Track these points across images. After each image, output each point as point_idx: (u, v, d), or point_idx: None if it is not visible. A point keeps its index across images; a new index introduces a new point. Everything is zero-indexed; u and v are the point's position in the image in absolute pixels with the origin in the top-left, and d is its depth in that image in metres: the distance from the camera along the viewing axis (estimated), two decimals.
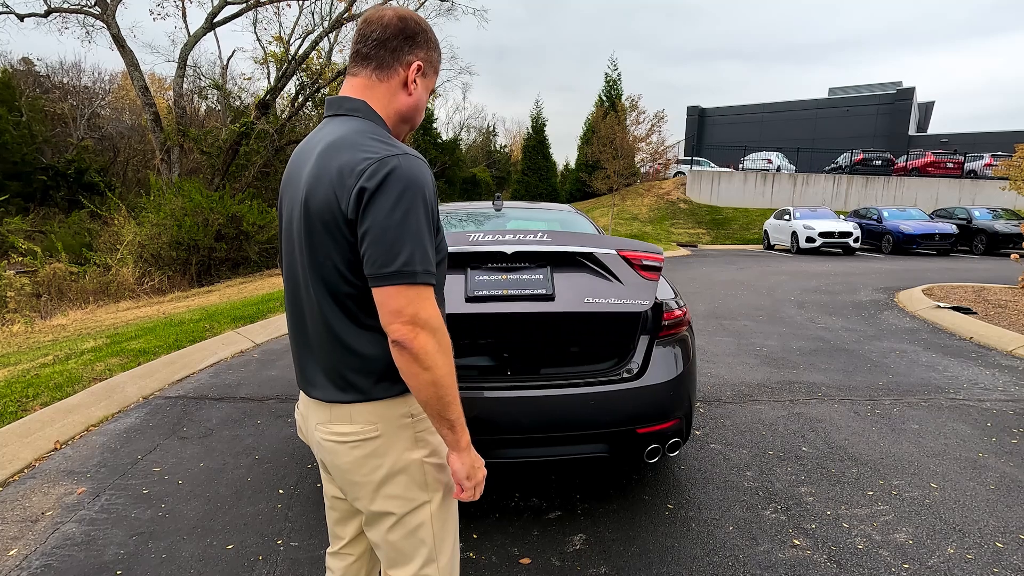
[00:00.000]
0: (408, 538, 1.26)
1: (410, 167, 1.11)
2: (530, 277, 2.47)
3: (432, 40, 1.27)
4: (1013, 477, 3.04)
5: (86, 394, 4.05)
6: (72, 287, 12.34)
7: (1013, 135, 27.62)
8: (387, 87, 1.23)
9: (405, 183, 1.10)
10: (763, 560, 2.33)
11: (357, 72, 1.24)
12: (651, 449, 2.53)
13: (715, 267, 13.36)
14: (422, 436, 1.25)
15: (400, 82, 1.23)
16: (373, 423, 1.21)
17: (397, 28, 1.21)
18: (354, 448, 1.22)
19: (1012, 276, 10.06)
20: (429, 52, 1.26)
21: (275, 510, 2.69)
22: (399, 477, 1.23)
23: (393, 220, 1.09)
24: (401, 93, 1.24)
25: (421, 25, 1.24)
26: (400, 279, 1.09)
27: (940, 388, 4.51)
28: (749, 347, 5.75)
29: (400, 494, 1.24)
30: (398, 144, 1.16)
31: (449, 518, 1.30)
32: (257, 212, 14.95)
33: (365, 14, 1.26)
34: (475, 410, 2.41)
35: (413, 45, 1.23)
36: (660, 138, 24.45)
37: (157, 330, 6.10)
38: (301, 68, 19.51)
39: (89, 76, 31.42)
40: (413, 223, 1.10)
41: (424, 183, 1.13)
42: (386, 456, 1.22)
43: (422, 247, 1.11)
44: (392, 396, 1.22)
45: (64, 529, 2.54)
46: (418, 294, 1.10)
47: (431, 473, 1.25)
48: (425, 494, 1.25)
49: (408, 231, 1.10)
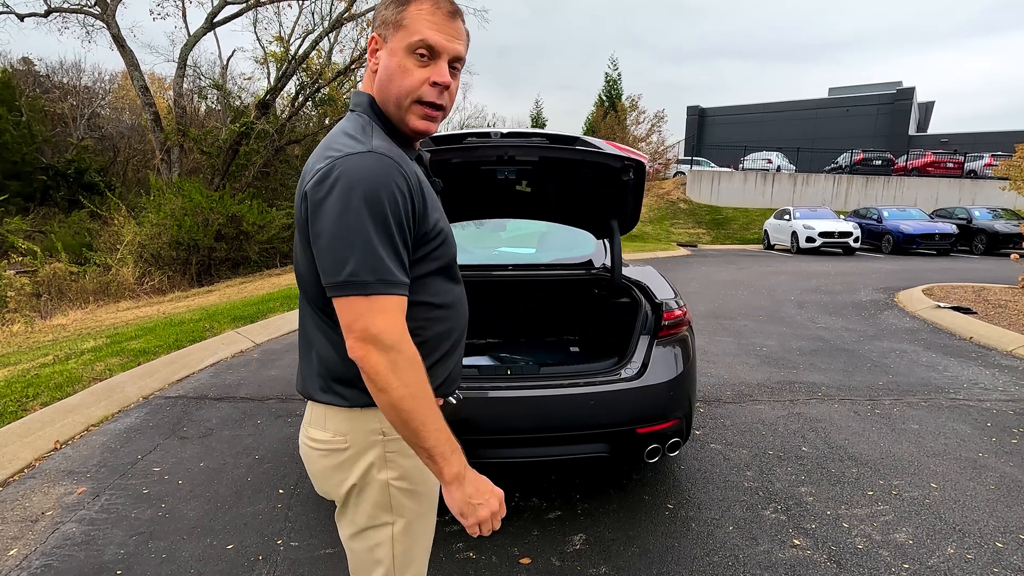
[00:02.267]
0: (367, 553, 1.22)
1: (362, 167, 1.02)
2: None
3: (385, 3, 1.13)
4: (1013, 477, 3.04)
5: (86, 394, 4.05)
6: (72, 287, 12.34)
7: (1013, 135, 27.60)
8: (368, 77, 1.16)
9: (353, 185, 1.01)
10: (763, 560, 2.33)
11: (369, 62, 1.20)
12: (651, 449, 2.54)
13: (715, 267, 13.36)
14: (392, 457, 1.18)
15: (397, 57, 1.10)
16: (343, 434, 1.17)
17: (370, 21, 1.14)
18: (323, 457, 1.19)
19: (1012, 276, 10.06)
20: (384, 12, 1.11)
21: (275, 510, 2.69)
22: (364, 494, 1.19)
23: (339, 226, 1.01)
24: (370, 77, 1.16)
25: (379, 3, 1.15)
26: (348, 290, 1.01)
27: (940, 388, 4.51)
28: (749, 347, 5.75)
29: (364, 510, 1.20)
30: (370, 142, 1.07)
31: (414, 545, 1.24)
32: (257, 212, 14.94)
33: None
34: (475, 410, 2.41)
35: (373, 25, 1.15)
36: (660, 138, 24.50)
37: (157, 330, 6.10)
38: (301, 68, 19.50)
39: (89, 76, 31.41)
40: (360, 228, 1.00)
41: (379, 183, 1.02)
42: (351, 471, 1.17)
43: (373, 254, 1.01)
44: (364, 407, 1.15)
45: (64, 529, 2.54)
46: (369, 307, 1.01)
47: (397, 497, 1.19)
48: (388, 516, 1.20)
49: (354, 238, 1.00)
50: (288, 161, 20.66)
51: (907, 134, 36.61)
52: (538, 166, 2.71)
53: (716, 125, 44.63)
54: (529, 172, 2.86)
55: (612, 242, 3.16)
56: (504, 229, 4.49)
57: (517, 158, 2.57)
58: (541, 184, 3.09)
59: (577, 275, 3.56)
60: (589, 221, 3.33)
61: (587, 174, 2.87)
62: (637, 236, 22.08)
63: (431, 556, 2.34)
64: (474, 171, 2.71)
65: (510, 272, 3.56)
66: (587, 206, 3.20)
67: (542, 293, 3.68)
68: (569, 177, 2.97)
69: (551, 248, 4.11)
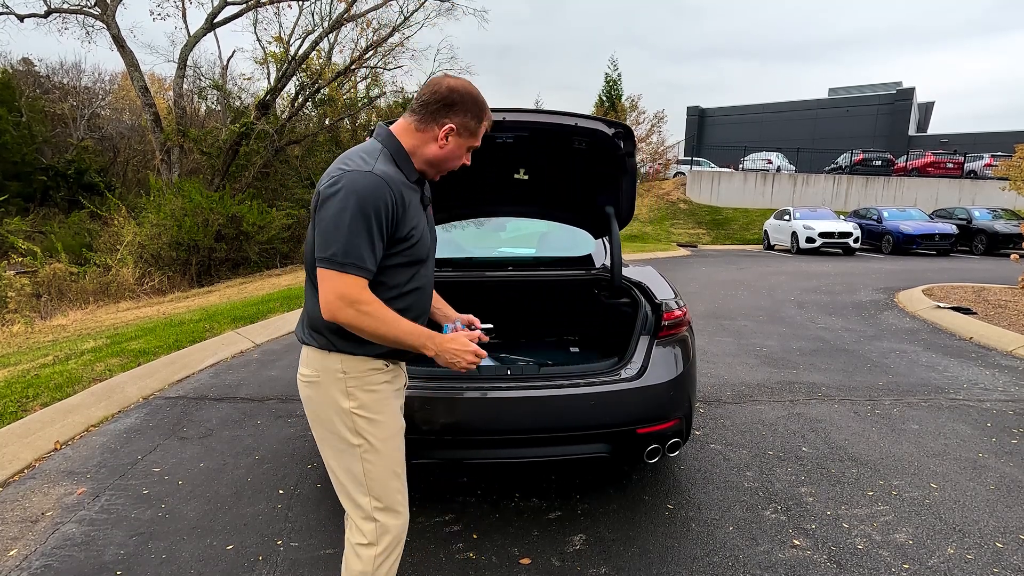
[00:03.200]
0: (344, 472, 1.60)
1: (361, 182, 1.43)
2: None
3: (472, 110, 1.55)
4: (1013, 477, 3.04)
5: (86, 394, 4.05)
6: (72, 287, 12.34)
7: (1013, 135, 27.61)
8: (421, 137, 1.56)
9: (351, 193, 1.42)
10: (763, 560, 2.33)
11: (406, 117, 1.57)
12: (651, 449, 2.54)
13: (715, 267, 13.36)
14: (352, 391, 1.56)
15: (432, 137, 1.55)
16: (317, 371, 1.57)
17: (441, 96, 1.52)
18: (306, 387, 1.61)
19: (1012, 276, 10.06)
20: (466, 119, 1.55)
21: (275, 510, 2.69)
22: (334, 419, 1.57)
23: (334, 219, 1.43)
24: (432, 144, 1.56)
25: (465, 96, 1.54)
26: (327, 264, 1.43)
27: (940, 388, 4.51)
28: (749, 347, 5.75)
29: (336, 432, 1.58)
30: (374, 163, 1.48)
31: (379, 462, 1.59)
32: (257, 212, 14.94)
33: (431, 77, 1.62)
34: (476, 410, 2.41)
35: (451, 111, 1.53)
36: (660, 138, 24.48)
37: (157, 330, 6.10)
38: (301, 68, 19.50)
39: (89, 76, 31.41)
40: (347, 224, 1.41)
41: (369, 196, 1.42)
42: (324, 399, 1.57)
43: (351, 244, 1.42)
44: (329, 351, 1.55)
45: (64, 529, 2.54)
46: (339, 278, 1.43)
47: (359, 423, 1.57)
48: (355, 439, 1.57)
49: (342, 229, 1.42)
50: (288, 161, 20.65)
51: (907, 134, 36.62)
52: (533, 143, 2.80)
53: (716, 125, 44.63)
54: (526, 151, 2.92)
55: (611, 241, 3.17)
56: (504, 229, 4.49)
57: (514, 120, 2.64)
58: (538, 170, 3.14)
59: (577, 275, 3.56)
60: (587, 211, 3.35)
61: (581, 151, 2.90)
62: (637, 236, 22.10)
63: (431, 556, 2.34)
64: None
65: (510, 272, 3.56)
66: (583, 191, 3.23)
67: (542, 293, 3.68)
68: (564, 158, 3.01)
69: (551, 248, 4.11)
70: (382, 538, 1.60)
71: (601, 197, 3.21)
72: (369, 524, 1.60)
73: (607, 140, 2.73)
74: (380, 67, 21.17)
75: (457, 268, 3.59)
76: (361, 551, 1.61)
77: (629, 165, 2.91)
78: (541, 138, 2.79)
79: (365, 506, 1.60)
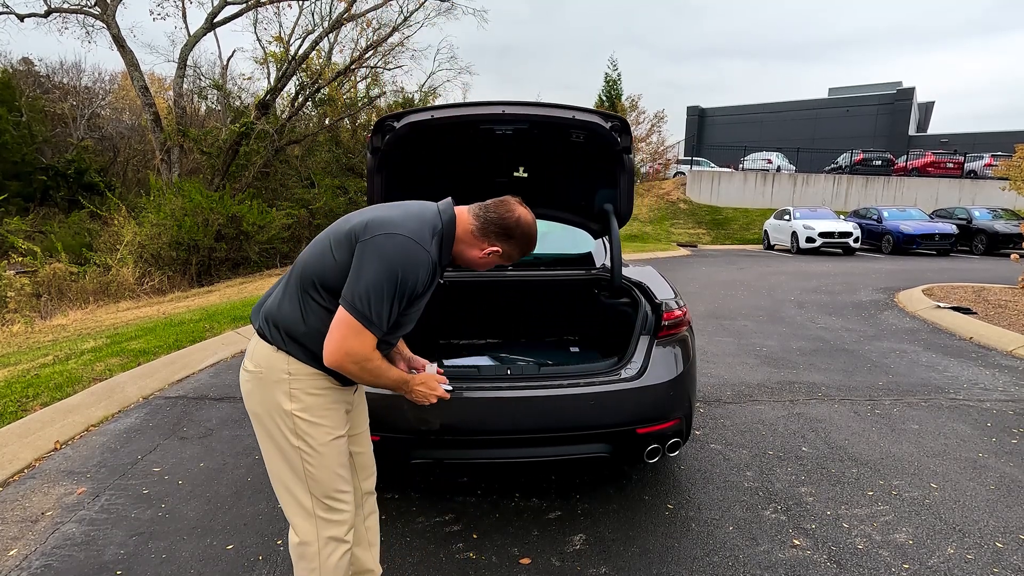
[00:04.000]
0: (287, 471, 1.62)
1: (417, 257, 1.53)
2: None
3: (524, 246, 1.72)
4: (1013, 477, 3.04)
5: (86, 394, 4.05)
6: (72, 287, 12.32)
7: (1013, 135, 27.61)
8: (473, 240, 1.69)
9: (396, 258, 1.50)
10: (763, 560, 2.33)
11: (472, 216, 1.68)
12: (651, 449, 2.53)
13: (715, 267, 13.36)
14: (296, 393, 1.59)
15: (479, 247, 1.69)
16: (261, 367, 1.60)
17: (507, 225, 1.66)
18: (247, 382, 1.63)
19: (1012, 276, 10.06)
20: (512, 250, 1.71)
21: (275, 510, 2.68)
22: (275, 418, 1.59)
23: (376, 275, 1.49)
24: (476, 251, 1.70)
25: (525, 232, 1.69)
26: (354, 313, 1.49)
27: (940, 388, 4.51)
28: (749, 347, 5.75)
29: (276, 431, 1.60)
30: (431, 243, 1.58)
31: (321, 464, 1.61)
32: (257, 212, 14.93)
33: (508, 199, 1.70)
34: (476, 410, 2.41)
35: (505, 239, 1.68)
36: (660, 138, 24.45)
37: (157, 330, 6.10)
38: (301, 68, 19.49)
39: (89, 76, 31.38)
40: (386, 286, 1.49)
41: (412, 268, 1.52)
42: (265, 395, 1.60)
43: (380, 305, 1.49)
44: (279, 349, 1.58)
45: (64, 529, 2.54)
46: (357, 330, 1.49)
47: (301, 425, 1.59)
48: (296, 440, 1.60)
49: (380, 289, 1.49)
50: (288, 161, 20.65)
51: (907, 134, 36.62)
52: (532, 137, 2.82)
53: (716, 125, 44.63)
54: (524, 145, 2.94)
55: (611, 241, 3.17)
56: None
57: (514, 113, 2.66)
58: (537, 167, 3.15)
59: (577, 275, 3.56)
60: (586, 209, 3.35)
61: (579, 147, 2.91)
62: (637, 236, 22.10)
63: (431, 556, 2.34)
64: (474, 129, 2.80)
65: (510, 272, 3.56)
66: (582, 189, 3.24)
67: (542, 293, 3.68)
68: (563, 153, 3.01)
69: (551, 248, 4.11)
70: (323, 531, 1.64)
71: (599, 195, 3.22)
72: (309, 522, 1.64)
73: (604, 134, 2.74)
74: (380, 67, 21.18)
75: (457, 268, 3.59)
76: (303, 551, 1.64)
77: (627, 161, 2.91)
78: (539, 131, 2.80)
79: (306, 504, 1.63)
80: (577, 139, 2.84)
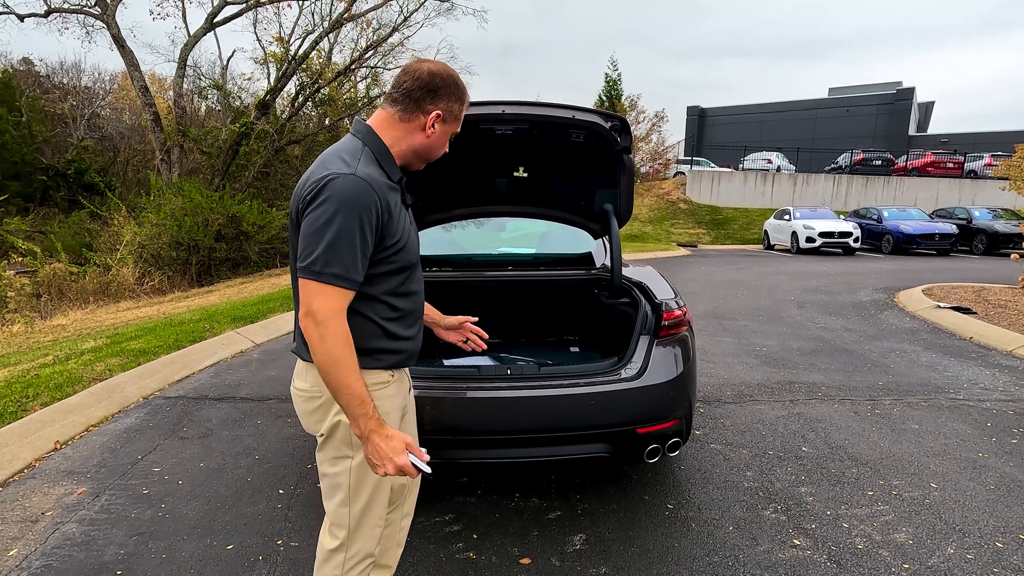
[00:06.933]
0: (332, 478, 1.56)
1: (344, 187, 1.34)
2: None
3: (456, 94, 1.50)
4: (1013, 477, 3.04)
5: (86, 394, 4.05)
6: (72, 287, 12.32)
7: (1013, 135, 27.61)
8: (406, 127, 1.49)
9: (333, 198, 1.33)
10: (763, 560, 2.33)
11: (386, 108, 1.50)
12: (651, 449, 2.53)
13: (715, 267, 13.36)
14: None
15: (419, 125, 1.48)
16: (318, 385, 1.48)
17: (423, 82, 1.45)
18: (304, 402, 1.55)
19: (1012, 276, 10.06)
20: (450, 103, 1.49)
21: (275, 510, 2.69)
22: (332, 432, 1.52)
23: (315, 227, 1.34)
24: (419, 134, 1.49)
25: (447, 80, 1.48)
26: (305, 273, 1.35)
27: (940, 388, 4.51)
28: (749, 347, 5.75)
29: (333, 445, 1.53)
30: (356, 164, 1.39)
31: (367, 476, 1.54)
32: (257, 212, 14.93)
33: (406, 64, 1.52)
34: (476, 410, 2.41)
35: (435, 97, 1.47)
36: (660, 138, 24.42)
37: (157, 330, 6.10)
38: (301, 68, 19.49)
39: (89, 76, 31.35)
40: (329, 232, 1.33)
41: (353, 201, 1.34)
42: (323, 414, 1.52)
43: (332, 253, 1.33)
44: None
45: (64, 529, 2.54)
46: (317, 289, 1.34)
47: (354, 437, 1.47)
48: (349, 450, 1.52)
49: (322, 237, 1.33)
50: (288, 161, 20.65)
51: (907, 134, 36.64)
52: (532, 137, 2.82)
53: (716, 125, 44.64)
54: (524, 145, 2.95)
55: (611, 241, 3.17)
56: (504, 229, 4.49)
57: (514, 113, 2.67)
58: (537, 167, 3.15)
59: (577, 275, 3.56)
60: (586, 209, 3.35)
61: (579, 146, 2.92)
62: (637, 236, 22.10)
63: (431, 556, 2.34)
64: (474, 129, 2.79)
65: (510, 272, 3.56)
66: (582, 189, 3.24)
67: (542, 293, 3.68)
68: (563, 153, 3.02)
69: (551, 248, 4.11)
70: (352, 545, 1.59)
71: (599, 195, 3.22)
72: (343, 531, 1.58)
73: (604, 134, 2.74)
74: (380, 67, 21.18)
75: (457, 268, 3.59)
76: (331, 556, 1.60)
77: (627, 161, 2.91)
78: (540, 131, 2.81)
79: (343, 514, 1.57)
80: (577, 139, 2.85)
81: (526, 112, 2.68)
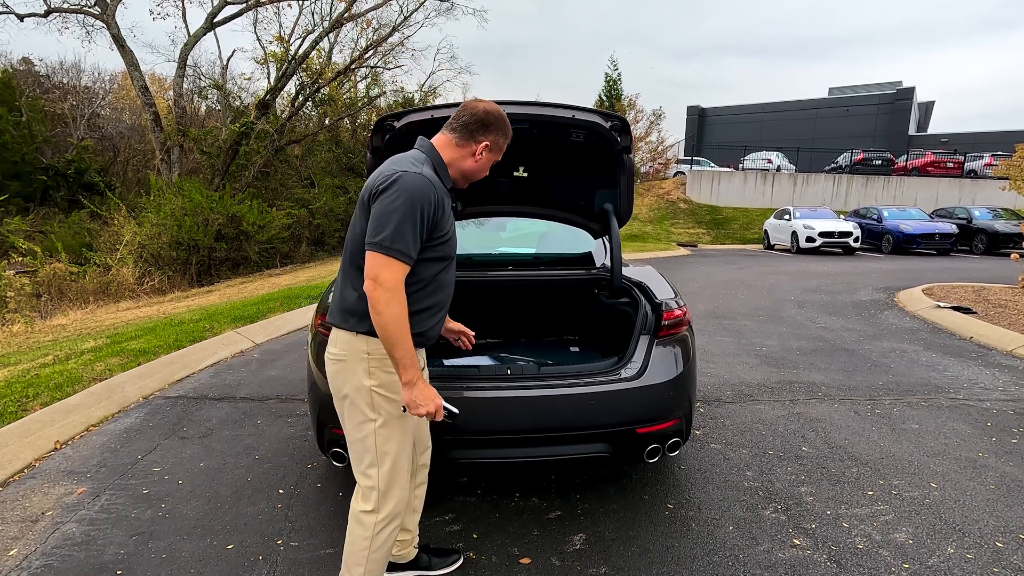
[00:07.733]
0: (359, 443, 1.80)
1: (412, 181, 1.66)
2: None
3: (503, 130, 1.84)
4: (1013, 477, 3.04)
5: (86, 394, 4.05)
6: (72, 287, 12.32)
7: (1013, 135, 27.60)
8: (460, 151, 1.83)
9: (402, 189, 1.64)
10: (763, 560, 2.33)
11: (446, 133, 1.83)
12: (651, 449, 2.53)
13: (715, 267, 13.36)
14: (374, 371, 1.75)
15: (471, 152, 1.83)
16: (344, 350, 1.76)
17: (479, 118, 1.79)
18: (332, 364, 1.81)
19: (1012, 276, 10.06)
20: (497, 137, 1.84)
21: (275, 510, 2.69)
22: (356, 395, 1.77)
23: (386, 210, 1.64)
24: (470, 159, 1.84)
25: (498, 118, 1.82)
26: (375, 248, 1.63)
27: (940, 388, 4.51)
28: (749, 347, 5.75)
29: (356, 406, 1.77)
30: (422, 167, 1.71)
31: (392, 438, 1.79)
32: (257, 212, 14.94)
33: (466, 101, 1.86)
34: (476, 410, 2.41)
35: (486, 131, 1.82)
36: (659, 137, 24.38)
37: (157, 330, 6.10)
38: (301, 68, 19.50)
39: (89, 76, 31.36)
40: (397, 216, 1.63)
41: (418, 193, 1.65)
42: (348, 376, 1.77)
43: (398, 233, 1.62)
44: (357, 332, 1.74)
45: (64, 529, 2.54)
46: (384, 262, 1.62)
47: (377, 400, 1.76)
48: (372, 413, 1.77)
49: (392, 219, 1.63)
50: (288, 161, 20.66)
51: (907, 134, 36.64)
52: (532, 137, 2.83)
53: (716, 125, 44.64)
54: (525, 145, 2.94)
55: (611, 240, 3.17)
56: (504, 229, 4.49)
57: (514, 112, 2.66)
58: (537, 166, 3.15)
59: (577, 275, 3.56)
60: (586, 209, 3.35)
61: (579, 146, 2.91)
62: (637, 236, 22.09)
63: None
64: None
65: (510, 272, 3.56)
66: (582, 189, 3.24)
67: (542, 293, 3.68)
68: (563, 153, 3.02)
69: (551, 248, 4.11)
70: (383, 507, 1.80)
71: (599, 195, 3.22)
72: (373, 493, 1.80)
73: (604, 134, 2.74)
74: (380, 67, 21.20)
75: (457, 267, 3.58)
76: (364, 517, 1.81)
77: (627, 161, 2.91)
78: (540, 131, 2.80)
79: (373, 476, 1.79)
80: (577, 139, 2.85)
81: (526, 112, 2.68)
